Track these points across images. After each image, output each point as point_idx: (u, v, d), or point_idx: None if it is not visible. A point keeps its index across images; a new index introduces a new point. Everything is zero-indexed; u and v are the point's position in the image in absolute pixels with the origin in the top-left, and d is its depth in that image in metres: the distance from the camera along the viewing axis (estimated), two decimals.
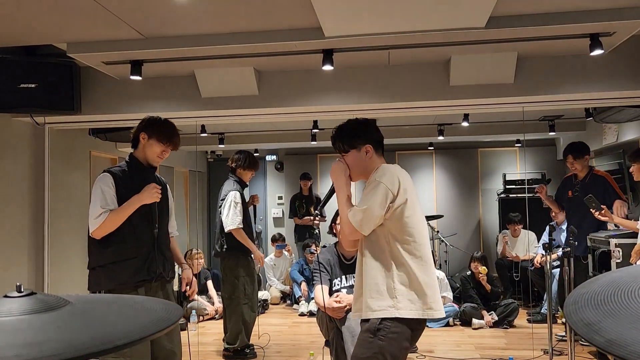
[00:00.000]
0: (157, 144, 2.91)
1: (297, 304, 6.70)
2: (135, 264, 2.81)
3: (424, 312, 2.24)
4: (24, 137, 4.43)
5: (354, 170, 2.46)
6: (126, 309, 1.14)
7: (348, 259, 3.71)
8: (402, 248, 2.27)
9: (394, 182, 2.27)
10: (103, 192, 2.78)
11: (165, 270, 2.97)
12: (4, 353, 0.84)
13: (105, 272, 2.80)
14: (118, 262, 2.78)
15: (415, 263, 2.27)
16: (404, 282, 2.25)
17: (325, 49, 3.58)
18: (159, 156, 2.94)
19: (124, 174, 2.89)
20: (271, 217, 8.75)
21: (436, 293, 2.31)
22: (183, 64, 3.96)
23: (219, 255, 4.68)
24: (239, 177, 4.76)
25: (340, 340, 3.35)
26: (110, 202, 2.79)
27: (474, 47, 3.71)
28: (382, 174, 2.29)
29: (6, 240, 4.19)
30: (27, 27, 3.31)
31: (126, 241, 2.80)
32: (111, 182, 2.81)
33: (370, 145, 2.42)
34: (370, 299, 2.27)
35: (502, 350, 4.76)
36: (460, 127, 6.38)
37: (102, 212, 2.75)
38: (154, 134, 2.90)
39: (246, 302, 4.62)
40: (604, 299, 0.92)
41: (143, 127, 2.94)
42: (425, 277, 2.28)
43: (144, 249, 2.85)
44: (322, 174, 8.57)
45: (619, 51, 3.79)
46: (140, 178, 2.91)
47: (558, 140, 7.85)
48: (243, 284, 4.59)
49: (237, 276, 4.58)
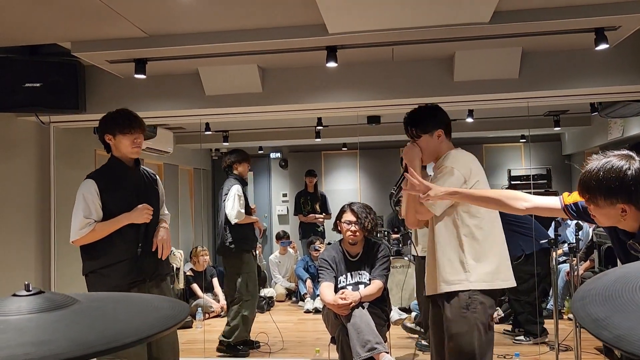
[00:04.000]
0: (124, 137, 2.83)
1: (303, 301, 6.71)
2: (125, 267, 2.77)
3: (493, 283, 2.39)
4: (29, 137, 4.44)
5: (426, 153, 2.59)
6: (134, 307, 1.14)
7: (353, 256, 3.71)
8: (473, 225, 2.42)
9: (466, 167, 2.45)
10: (86, 201, 2.74)
11: (158, 269, 2.93)
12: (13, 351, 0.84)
13: (97, 278, 2.79)
14: (108, 267, 2.77)
15: (482, 238, 2.41)
16: (475, 257, 2.39)
17: (328, 45, 3.58)
18: (133, 147, 2.85)
19: (107, 177, 2.84)
20: (276, 214, 8.75)
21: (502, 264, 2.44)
22: (187, 62, 3.96)
23: (222, 252, 4.71)
24: (238, 174, 4.83)
25: (346, 337, 3.35)
26: (94, 211, 2.74)
27: (478, 43, 3.69)
28: (454, 160, 2.45)
29: (13, 239, 4.20)
30: (31, 26, 3.32)
31: (114, 245, 2.77)
32: (95, 189, 2.76)
33: (442, 129, 2.57)
34: (445, 273, 2.42)
35: (508, 347, 4.75)
36: (465, 122, 6.35)
37: (86, 224, 2.71)
38: (115, 129, 2.83)
39: (248, 299, 4.64)
40: (612, 295, 0.92)
41: (102, 130, 2.88)
42: (490, 251, 2.42)
43: (132, 250, 2.81)
44: (326, 171, 8.56)
45: (624, 45, 3.77)
46: (125, 180, 2.87)
47: (563, 135, 7.82)
48: (245, 281, 4.62)
49: (239, 272, 4.62)
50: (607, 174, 1.73)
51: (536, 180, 7.23)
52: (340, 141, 7.62)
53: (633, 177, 1.70)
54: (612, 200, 1.75)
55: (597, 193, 1.77)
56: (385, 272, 3.65)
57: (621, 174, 1.71)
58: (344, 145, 7.84)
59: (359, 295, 3.45)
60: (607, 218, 1.82)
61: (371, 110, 4.94)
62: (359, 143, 6.49)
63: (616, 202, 1.74)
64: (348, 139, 7.26)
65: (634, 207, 1.74)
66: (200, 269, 6.39)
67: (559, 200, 2.12)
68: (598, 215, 1.84)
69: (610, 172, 1.73)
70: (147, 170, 3.06)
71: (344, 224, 3.66)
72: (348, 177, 8.38)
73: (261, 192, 8.89)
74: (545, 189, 7.52)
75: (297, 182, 8.41)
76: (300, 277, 6.91)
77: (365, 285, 3.59)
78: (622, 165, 1.72)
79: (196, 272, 6.42)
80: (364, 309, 3.42)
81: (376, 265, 3.65)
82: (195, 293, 6.30)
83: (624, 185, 1.71)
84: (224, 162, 4.92)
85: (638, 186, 1.70)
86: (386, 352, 3.27)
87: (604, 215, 1.82)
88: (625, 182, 1.70)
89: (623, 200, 1.73)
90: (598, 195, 1.77)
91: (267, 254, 8.00)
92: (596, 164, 1.78)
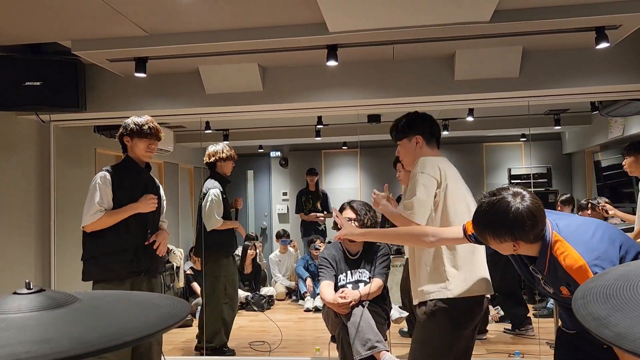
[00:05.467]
0: (141, 141, 3.09)
1: (303, 300, 6.71)
2: (126, 257, 2.99)
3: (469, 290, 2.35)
4: (30, 135, 4.44)
5: (405, 158, 2.67)
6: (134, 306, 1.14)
7: (353, 254, 3.71)
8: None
9: (434, 169, 2.41)
10: (100, 190, 2.98)
11: (153, 266, 3.13)
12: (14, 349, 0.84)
13: (97, 263, 2.98)
14: (110, 254, 2.96)
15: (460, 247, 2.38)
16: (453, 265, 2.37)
17: (329, 44, 3.57)
18: (146, 151, 3.13)
19: (121, 173, 3.10)
20: (276, 213, 8.75)
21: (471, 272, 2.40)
22: (187, 61, 3.96)
23: (200, 254, 4.63)
24: (219, 172, 4.63)
25: (346, 335, 3.35)
26: (106, 201, 2.99)
27: (478, 42, 3.69)
28: (422, 167, 2.42)
29: (13, 237, 4.21)
30: (31, 25, 3.32)
31: (119, 235, 2.98)
32: (109, 181, 3.02)
33: (420, 136, 2.58)
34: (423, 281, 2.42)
35: (508, 345, 4.76)
36: (465, 121, 6.34)
37: (98, 210, 2.94)
38: (134, 134, 3.09)
39: (226, 302, 4.59)
40: (613, 293, 0.92)
41: (123, 133, 3.14)
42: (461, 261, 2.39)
43: (135, 243, 3.02)
44: (327, 170, 8.56)
45: (624, 44, 3.76)
46: (136, 178, 3.13)
47: (563, 134, 7.81)
48: (224, 284, 4.57)
49: (217, 276, 4.55)
50: (491, 217, 1.77)
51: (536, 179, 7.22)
52: (341, 140, 7.63)
53: (514, 218, 1.72)
54: (500, 239, 1.79)
55: (485, 234, 1.82)
56: (385, 271, 3.65)
57: (504, 215, 1.74)
58: (344, 144, 7.84)
59: (359, 293, 3.45)
60: (503, 250, 1.85)
61: (371, 109, 4.93)
62: (360, 142, 6.48)
63: (504, 240, 1.78)
64: (348, 137, 7.26)
65: (522, 242, 1.77)
66: (199, 268, 6.38)
67: (463, 230, 2.16)
68: (494, 247, 1.86)
69: (494, 214, 1.76)
70: (153, 176, 3.30)
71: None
72: (348, 175, 8.38)
73: (261, 190, 8.89)
74: (546, 187, 7.51)
75: (297, 181, 8.41)
76: (300, 276, 6.91)
77: (366, 283, 3.59)
78: (506, 205, 1.74)
79: (196, 271, 6.42)
80: (364, 308, 3.42)
81: (376, 264, 3.64)
82: (195, 292, 6.30)
83: (506, 226, 1.74)
84: (207, 155, 4.64)
85: (519, 226, 1.73)
86: (387, 351, 3.27)
87: (498, 248, 1.85)
88: (507, 223, 1.73)
89: (510, 238, 1.77)
90: (487, 236, 1.82)
91: (267, 253, 8.00)
92: (486, 203, 1.81)
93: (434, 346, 2.36)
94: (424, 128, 2.61)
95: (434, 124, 2.65)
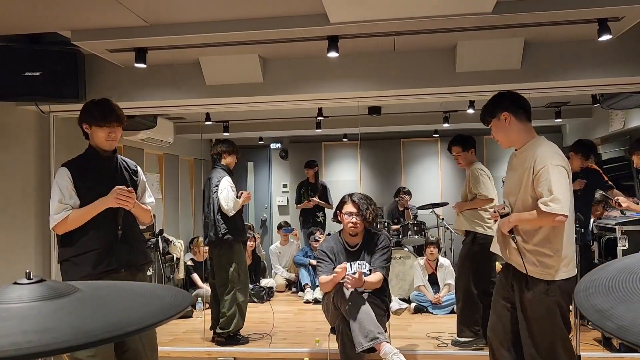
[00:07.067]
0: (99, 129, 2.81)
1: (303, 292, 6.73)
2: (96, 256, 2.75)
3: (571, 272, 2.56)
4: (29, 126, 4.43)
5: (500, 138, 2.73)
6: (135, 296, 1.14)
7: (352, 246, 3.71)
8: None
9: (563, 158, 2.54)
10: (60, 187, 2.76)
11: (133, 260, 2.88)
12: (15, 339, 0.84)
13: (69, 266, 2.78)
14: (79, 255, 2.76)
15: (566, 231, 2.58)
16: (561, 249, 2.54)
17: (330, 35, 3.56)
18: (107, 139, 2.84)
19: (81, 165, 2.85)
20: (276, 205, 8.76)
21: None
22: (188, 52, 3.94)
23: (213, 243, 4.70)
24: (226, 165, 4.82)
25: (346, 327, 3.36)
26: (68, 196, 2.75)
27: (480, 33, 3.67)
28: (550, 157, 2.51)
29: (13, 228, 4.21)
30: (31, 15, 3.30)
31: (87, 234, 2.76)
32: (67, 175, 2.78)
33: (509, 112, 2.66)
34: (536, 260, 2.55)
35: None
36: (466, 114, 6.33)
37: (62, 208, 2.72)
38: (90, 120, 2.83)
39: (240, 287, 4.68)
40: (616, 285, 0.92)
41: (80, 118, 2.87)
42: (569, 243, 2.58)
43: (106, 240, 2.78)
44: (327, 162, 8.55)
45: (627, 37, 3.74)
46: (98, 167, 2.87)
47: (564, 127, 7.80)
48: (237, 270, 4.66)
49: (231, 262, 4.65)
50: None
51: None
52: (341, 132, 7.61)
53: None
54: None
55: None
56: (386, 264, 3.65)
57: None
58: (345, 136, 7.82)
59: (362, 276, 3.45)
60: None
61: (372, 101, 4.92)
62: (360, 134, 6.47)
63: None
64: (349, 129, 7.24)
65: None
66: (201, 259, 6.40)
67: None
68: None
69: None
70: (126, 160, 3.05)
71: (344, 215, 3.65)
72: (348, 168, 8.37)
73: (261, 182, 8.89)
74: None
75: (297, 173, 8.41)
76: (301, 263, 6.91)
77: (365, 275, 3.60)
78: None
79: (196, 262, 6.43)
80: (364, 299, 3.43)
81: (377, 256, 3.64)
82: (195, 283, 6.31)
83: None
84: (213, 149, 4.89)
85: None
86: (387, 342, 3.29)
87: None
88: None
89: None
90: None
91: (266, 245, 8.01)
92: None
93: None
94: (508, 104, 2.70)
95: (518, 98, 2.74)
